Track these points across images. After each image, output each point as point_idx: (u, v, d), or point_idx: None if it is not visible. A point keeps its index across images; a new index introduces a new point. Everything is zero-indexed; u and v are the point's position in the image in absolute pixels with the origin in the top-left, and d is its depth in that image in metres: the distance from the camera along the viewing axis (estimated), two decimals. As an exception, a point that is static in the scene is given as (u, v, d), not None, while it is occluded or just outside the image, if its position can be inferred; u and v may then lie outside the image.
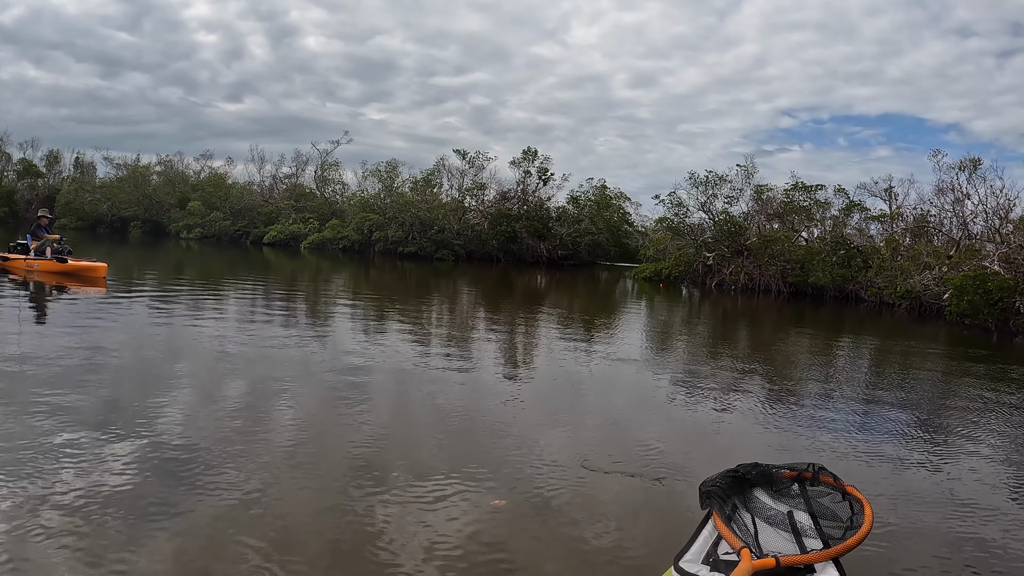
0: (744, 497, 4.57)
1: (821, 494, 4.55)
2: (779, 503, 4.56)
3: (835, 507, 4.41)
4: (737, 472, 4.67)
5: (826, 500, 4.49)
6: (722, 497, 4.43)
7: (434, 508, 5.40)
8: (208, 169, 63.41)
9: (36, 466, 5.58)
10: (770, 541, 4.18)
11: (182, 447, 6.29)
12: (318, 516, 5.14)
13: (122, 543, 4.46)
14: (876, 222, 38.49)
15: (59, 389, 7.83)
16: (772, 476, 4.72)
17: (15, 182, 66.82)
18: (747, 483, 4.67)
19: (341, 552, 4.63)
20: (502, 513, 5.44)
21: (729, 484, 4.55)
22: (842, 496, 4.48)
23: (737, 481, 4.62)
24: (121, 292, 17.86)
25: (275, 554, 4.48)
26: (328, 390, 9.03)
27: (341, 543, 4.75)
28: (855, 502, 4.39)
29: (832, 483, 4.60)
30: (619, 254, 57.91)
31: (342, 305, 19.92)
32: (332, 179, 58.05)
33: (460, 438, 7.40)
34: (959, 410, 10.82)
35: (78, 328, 12.03)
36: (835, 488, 4.56)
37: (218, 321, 14.25)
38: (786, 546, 4.13)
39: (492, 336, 15.77)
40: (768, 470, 4.73)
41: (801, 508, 4.47)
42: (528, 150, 51.09)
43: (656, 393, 10.68)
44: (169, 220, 55.33)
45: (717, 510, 4.33)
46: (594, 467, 6.67)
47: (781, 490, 4.66)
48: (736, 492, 4.55)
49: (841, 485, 4.56)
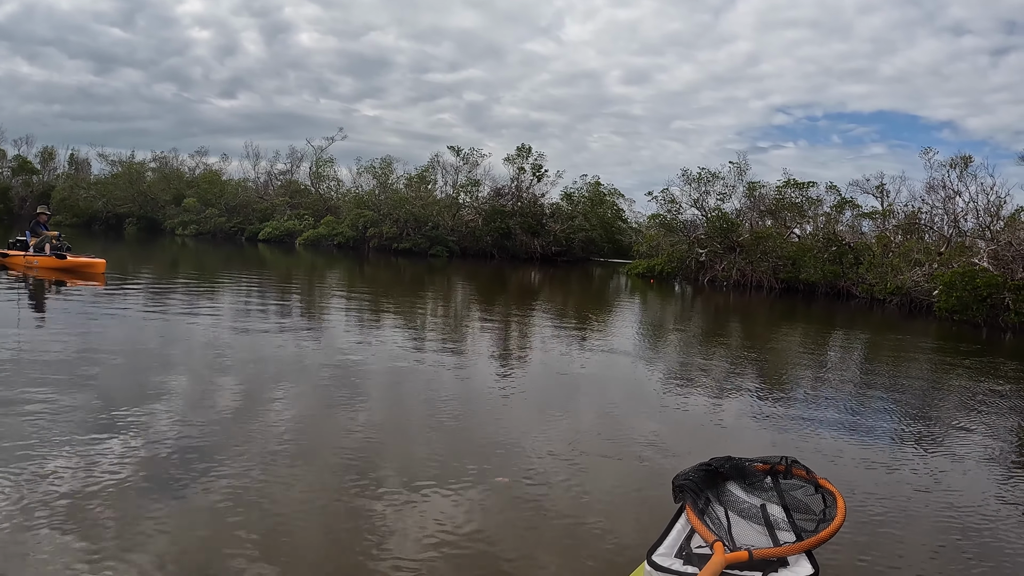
0: (717, 491, 4.65)
1: (794, 487, 4.66)
2: (752, 496, 4.64)
3: (808, 500, 4.51)
4: (710, 466, 4.74)
5: (799, 493, 4.59)
6: (695, 491, 4.47)
7: (427, 501, 5.45)
8: (203, 166, 63.21)
9: (29, 461, 5.63)
10: (743, 534, 4.22)
11: (175, 443, 6.34)
12: (312, 512, 5.17)
13: (114, 540, 4.48)
14: (868, 219, 38.76)
15: (53, 385, 7.92)
16: (745, 470, 4.82)
17: (9, 179, 66.37)
18: (720, 477, 4.76)
19: (335, 547, 4.66)
20: (495, 504, 5.52)
21: (702, 478, 4.61)
22: (815, 489, 4.59)
23: (710, 475, 4.69)
24: (119, 288, 18.03)
25: (269, 550, 4.50)
26: (322, 386, 9.07)
27: (335, 538, 4.78)
28: (828, 495, 4.50)
29: (805, 476, 4.72)
30: (613, 251, 58.02)
31: (337, 301, 20.08)
32: (327, 176, 57.98)
33: (454, 433, 7.43)
34: (949, 402, 11.07)
35: (75, 324, 12.24)
36: (808, 481, 4.69)
37: (213, 317, 14.43)
38: (759, 539, 4.17)
39: (486, 332, 15.91)
40: (741, 464, 4.84)
41: (774, 501, 4.58)
42: (522, 147, 51.21)
43: (649, 388, 10.75)
44: (164, 217, 55.15)
45: (690, 504, 4.37)
46: (587, 458, 6.78)
47: (754, 483, 4.75)
48: (709, 486, 4.62)
49: (814, 478, 4.68)
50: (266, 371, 9.74)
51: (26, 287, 17.51)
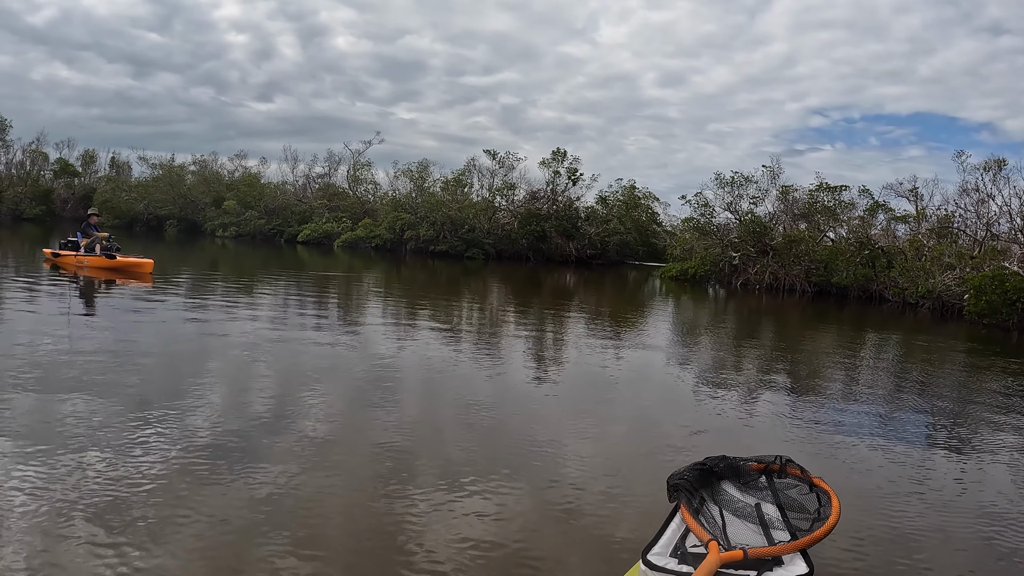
0: (712, 490, 4.68)
1: (788, 486, 4.71)
2: (747, 495, 4.67)
3: (802, 499, 4.54)
4: (705, 465, 4.81)
5: (793, 492, 4.63)
6: (690, 490, 4.51)
7: (461, 501, 5.50)
8: (242, 169, 64.31)
9: (68, 457, 5.77)
10: (738, 533, 4.22)
11: (211, 442, 6.46)
12: (346, 513, 5.20)
13: (148, 538, 4.53)
14: (901, 222, 38.68)
15: (90, 384, 8.14)
16: (740, 469, 4.87)
17: (52, 181, 67.78)
18: (715, 476, 4.80)
19: (368, 547, 4.70)
20: (529, 505, 5.55)
21: (697, 477, 4.65)
22: (809, 488, 4.64)
23: (705, 474, 4.74)
24: (165, 287, 18.82)
25: (302, 551, 4.54)
26: (358, 386, 9.20)
27: (368, 539, 4.82)
28: (822, 494, 4.55)
29: (799, 475, 4.78)
30: (648, 254, 58.06)
31: (375, 302, 20.58)
32: (364, 179, 58.71)
33: (489, 436, 7.47)
34: (978, 405, 11.10)
35: (123, 320, 12.99)
36: (802, 480, 4.74)
37: (255, 317, 15.00)
38: (754, 538, 4.17)
39: (522, 333, 16.17)
40: (736, 463, 4.89)
41: (769, 500, 4.60)
42: (557, 151, 51.51)
43: (685, 390, 10.80)
44: (204, 219, 56.23)
45: (685, 503, 4.42)
46: (621, 460, 6.87)
47: (749, 483, 4.80)
48: (704, 485, 4.67)
49: (808, 477, 4.74)
50: (302, 370, 9.96)
51: (76, 285, 18.30)
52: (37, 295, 16.06)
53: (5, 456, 5.73)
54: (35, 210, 60.70)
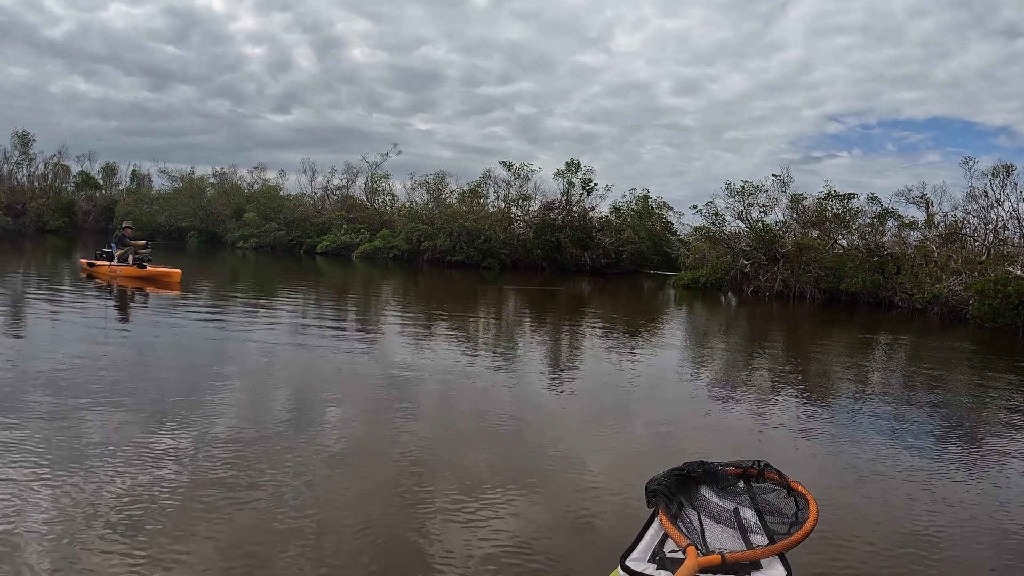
0: (690, 495, 4.66)
1: (766, 491, 4.68)
2: (725, 500, 4.65)
3: (780, 503, 4.53)
4: (683, 470, 4.77)
5: (771, 496, 4.61)
6: (668, 495, 4.52)
7: (478, 509, 5.64)
8: (261, 181, 65.20)
9: (88, 463, 6.01)
10: (716, 538, 4.25)
11: (229, 450, 6.66)
12: (362, 522, 5.32)
13: (166, 543, 4.67)
14: (909, 229, 39.14)
15: (129, 382, 8.71)
16: (718, 474, 4.83)
17: (73, 194, 68.68)
18: (693, 481, 4.77)
19: (384, 557, 4.83)
20: (546, 514, 5.70)
21: (675, 482, 4.64)
22: (787, 492, 4.62)
23: (683, 479, 4.72)
24: (193, 296, 19.81)
25: (318, 560, 4.66)
26: (375, 395, 9.41)
27: (385, 549, 4.94)
28: (800, 498, 4.53)
29: (777, 479, 4.74)
30: (662, 263, 58.41)
31: (393, 311, 21.23)
32: (382, 190, 59.52)
33: (506, 446, 7.59)
34: (988, 409, 11.48)
35: (153, 327, 13.79)
36: (780, 484, 4.70)
37: (277, 325, 15.76)
38: (732, 543, 4.20)
39: (538, 342, 16.57)
40: (714, 468, 4.85)
41: (747, 505, 4.58)
42: (571, 162, 52.20)
43: (700, 398, 10.97)
44: (225, 230, 57.16)
45: (663, 508, 4.43)
46: (637, 469, 6.76)
47: (727, 487, 4.76)
48: (682, 490, 4.65)
49: (786, 481, 4.70)
50: (320, 378, 10.29)
51: (110, 294, 19.32)
52: (75, 305, 17.14)
53: (42, 460, 6.06)
54: (58, 222, 61.70)
